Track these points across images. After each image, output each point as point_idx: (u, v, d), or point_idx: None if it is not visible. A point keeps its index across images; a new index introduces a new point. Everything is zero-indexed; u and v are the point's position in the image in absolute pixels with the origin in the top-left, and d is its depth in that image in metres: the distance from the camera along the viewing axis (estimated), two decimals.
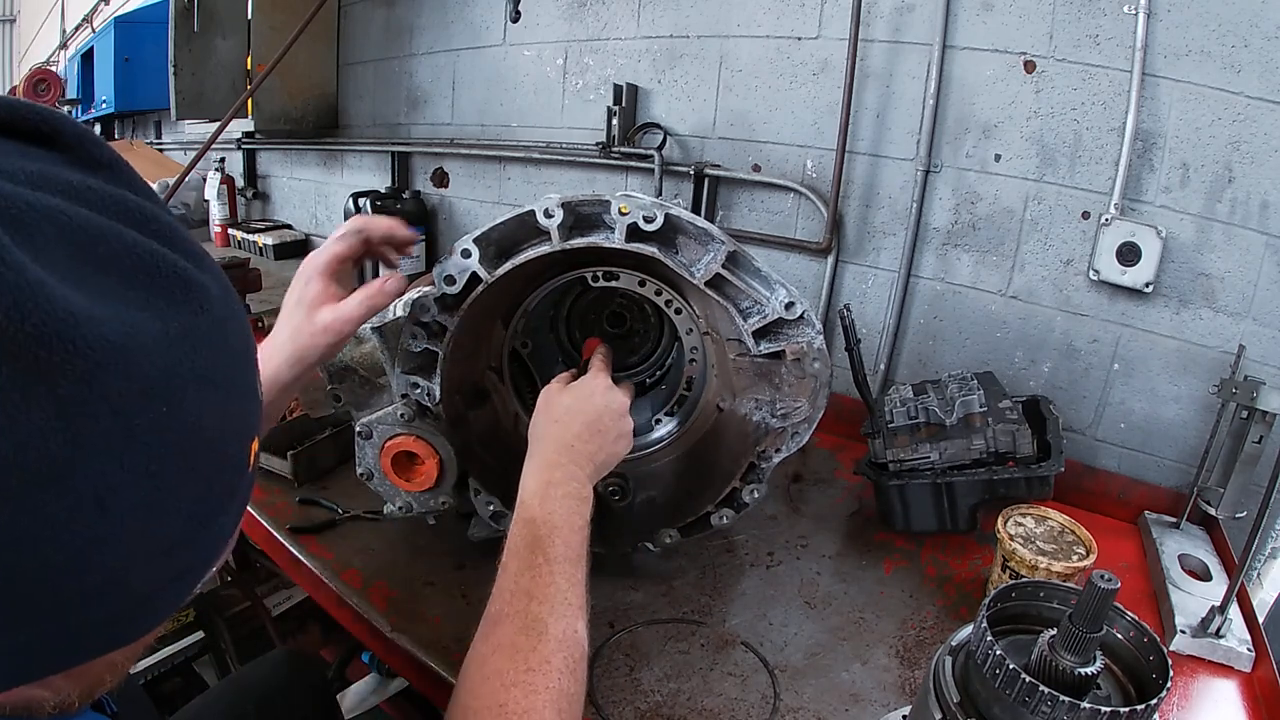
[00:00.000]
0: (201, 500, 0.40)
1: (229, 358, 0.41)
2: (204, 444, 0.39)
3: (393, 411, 1.00)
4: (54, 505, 0.32)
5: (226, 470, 0.41)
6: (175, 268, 0.37)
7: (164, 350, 0.36)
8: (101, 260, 0.35)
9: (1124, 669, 0.59)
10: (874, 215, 1.65)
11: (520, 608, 0.69)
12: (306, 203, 3.14)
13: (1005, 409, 1.20)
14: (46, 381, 0.31)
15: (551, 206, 0.87)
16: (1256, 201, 1.26)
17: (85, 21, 5.01)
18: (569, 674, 0.66)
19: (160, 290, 0.36)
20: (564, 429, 0.89)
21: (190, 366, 0.37)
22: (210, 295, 0.39)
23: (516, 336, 1.15)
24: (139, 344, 0.34)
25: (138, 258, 0.36)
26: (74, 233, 0.34)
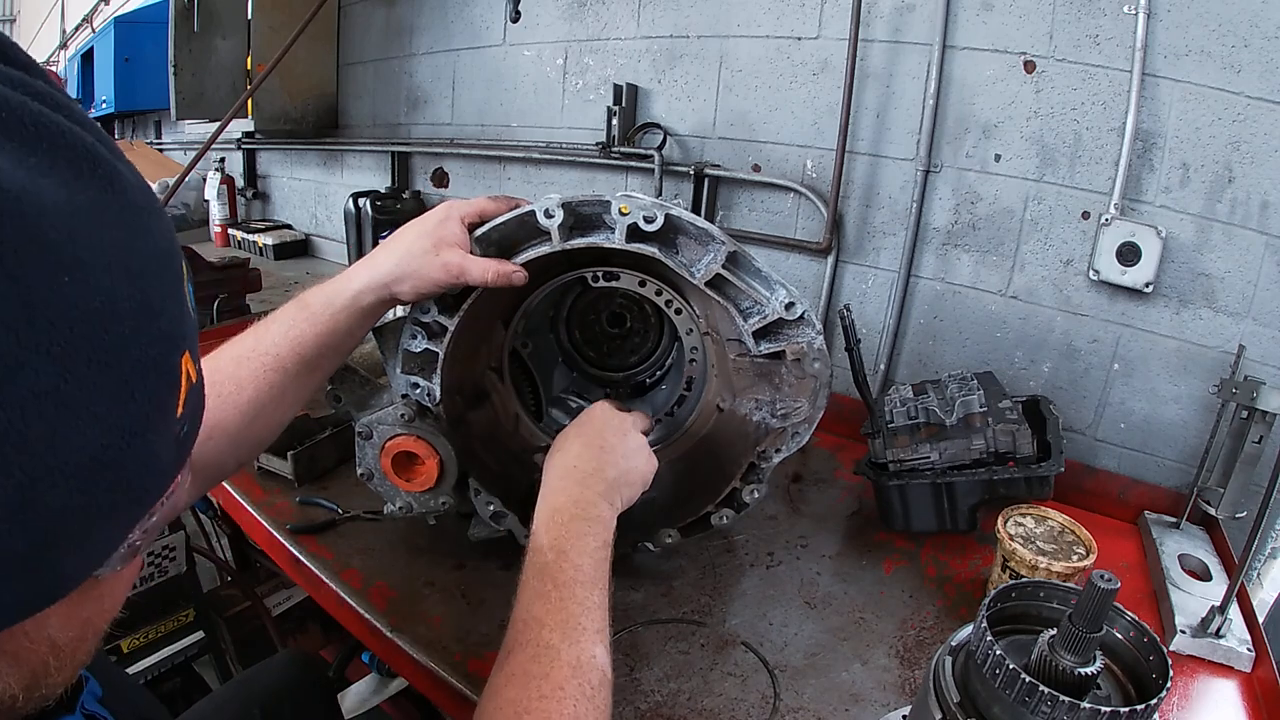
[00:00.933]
0: (120, 404, 0.34)
1: (148, 250, 0.36)
2: (118, 336, 0.33)
3: (393, 411, 1.00)
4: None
5: (149, 375, 0.35)
6: (86, 144, 0.33)
7: (68, 217, 0.31)
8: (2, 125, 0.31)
9: (1124, 669, 0.59)
10: (874, 215, 1.65)
11: (531, 636, 0.67)
12: (306, 203, 3.14)
13: (1005, 409, 1.20)
14: None
15: (552, 206, 0.87)
16: (1256, 201, 1.26)
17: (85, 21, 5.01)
18: (585, 700, 0.64)
19: (67, 161, 0.32)
20: (564, 455, 0.88)
21: (100, 242, 0.32)
22: (126, 181, 0.35)
23: (517, 336, 1.15)
24: (38, 201, 0.30)
25: (43, 128, 0.32)
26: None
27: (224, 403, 0.80)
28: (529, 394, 1.19)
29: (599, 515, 0.81)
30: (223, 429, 0.80)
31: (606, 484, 0.84)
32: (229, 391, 0.81)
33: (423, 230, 0.87)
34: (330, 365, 0.91)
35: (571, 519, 0.78)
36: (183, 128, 3.82)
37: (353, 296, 0.86)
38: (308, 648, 1.83)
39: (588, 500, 0.81)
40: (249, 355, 0.83)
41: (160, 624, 1.61)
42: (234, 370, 0.82)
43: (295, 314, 0.86)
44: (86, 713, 0.52)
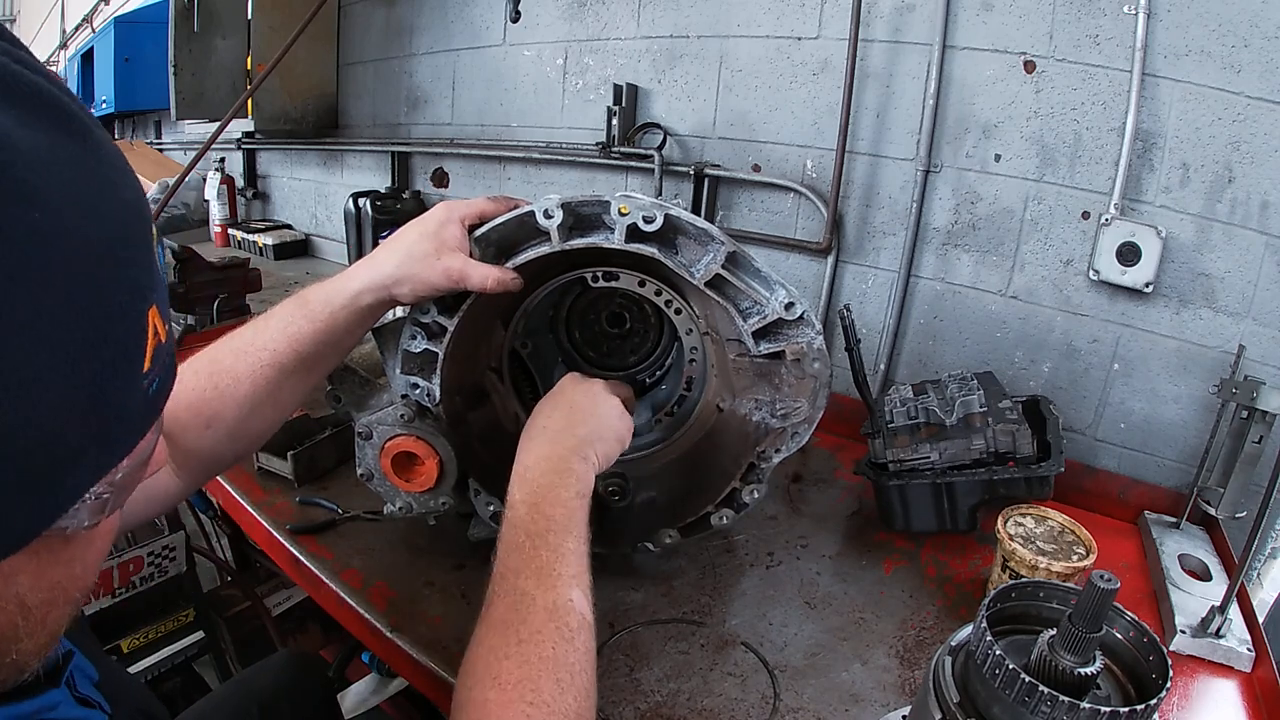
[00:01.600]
0: (90, 346, 0.34)
1: (119, 201, 0.37)
2: (87, 275, 0.34)
3: (393, 411, 1.00)
4: None
5: (117, 320, 0.36)
6: (64, 102, 0.34)
7: (37, 157, 0.32)
8: None
9: (1124, 669, 0.59)
10: (874, 215, 1.65)
11: (508, 585, 0.70)
12: (306, 203, 3.14)
13: (1005, 409, 1.20)
14: None
15: (551, 207, 0.87)
16: (1256, 201, 1.26)
17: (85, 21, 5.01)
18: (565, 643, 0.65)
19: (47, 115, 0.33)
20: (533, 420, 0.89)
21: (69, 183, 0.33)
22: (99, 138, 0.36)
23: (516, 336, 1.15)
24: (16, 144, 0.31)
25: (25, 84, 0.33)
26: None
27: (222, 395, 0.81)
28: (529, 394, 1.19)
29: (570, 468, 0.81)
30: (221, 420, 0.81)
31: (577, 440, 0.85)
32: (226, 384, 0.82)
33: (424, 232, 0.87)
34: (328, 364, 0.92)
35: (542, 474, 0.80)
36: (183, 128, 3.82)
37: (352, 296, 0.86)
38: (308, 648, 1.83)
39: (558, 455, 0.82)
40: (247, 349, 0.84)
41: (160, 624, 1.61)
42: (232, 364, 0.83)
43: (294, 311, 0.86)
44: (79, 695, 0.52)
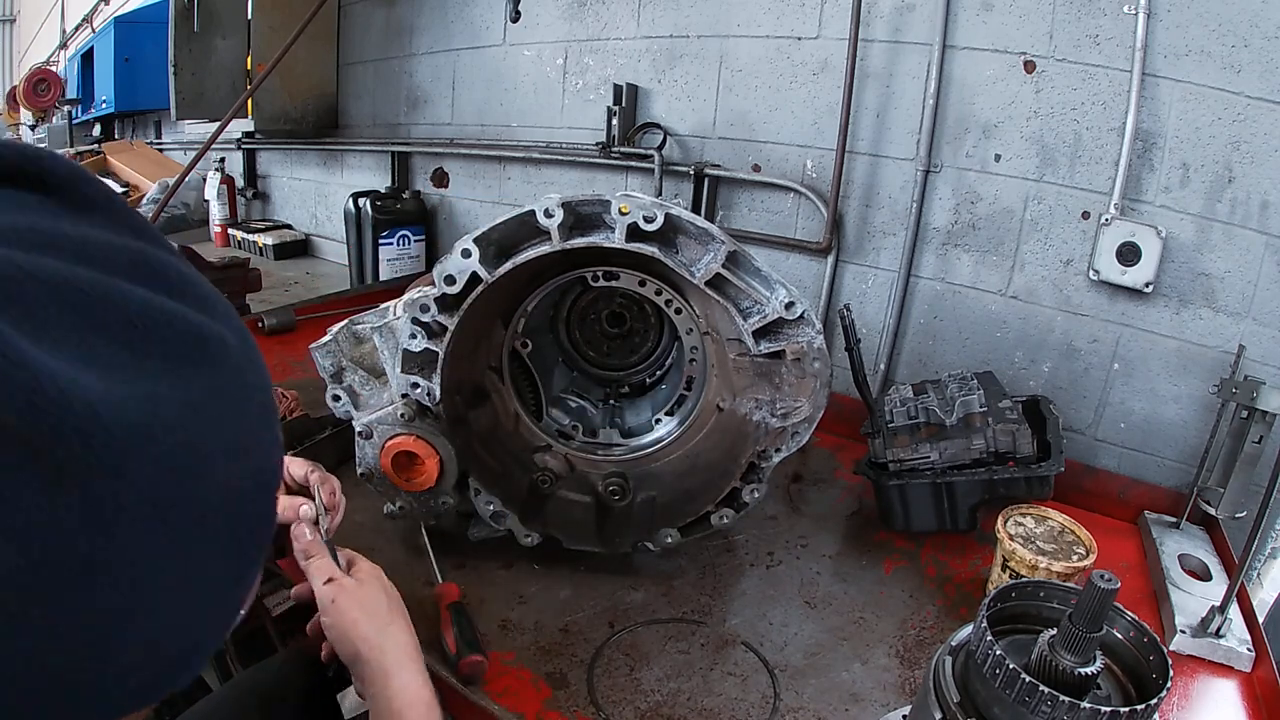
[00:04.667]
0: (233, 560, 0.38)
1: (252, 412, 0.39)
2: (234, 510, 0.37)
3: (393, 411, 1.00)
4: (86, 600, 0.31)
5: (256, 529, 0.40)
6: (188, 323, 0.35)
7: (188, 421, 0.33)
8: (110, 328, 0.32)
9: (1124, 669, 0.59)
10: (874, 215, 1.65)
11: None
12: (306, 203, 3.14)
13: (1005, 409, 1.20)
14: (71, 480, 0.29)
15: (552, 206, 0.87)
16: (1256, 201, 1.26)
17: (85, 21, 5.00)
18: None
19: (175, 353, 0.34)
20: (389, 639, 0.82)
21: (216, 433, 0.35)
22: (227, 346, 0.37)
23: (516, 336, 1.15)
24: (162, 421, 0.32)
25: (148, 319, 0.33)
26: (77, 300, 0.31)
27: None
28: (529, 394, 1.19)
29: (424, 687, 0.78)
30: None
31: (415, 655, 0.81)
32: None
33: None
34: None
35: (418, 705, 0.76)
36: (183, 128, 3.82)
37: None
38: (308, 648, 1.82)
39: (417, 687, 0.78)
40: None
41: None
42: None
43: None
44: None
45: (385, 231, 2.45)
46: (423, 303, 0.94)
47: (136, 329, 0.32)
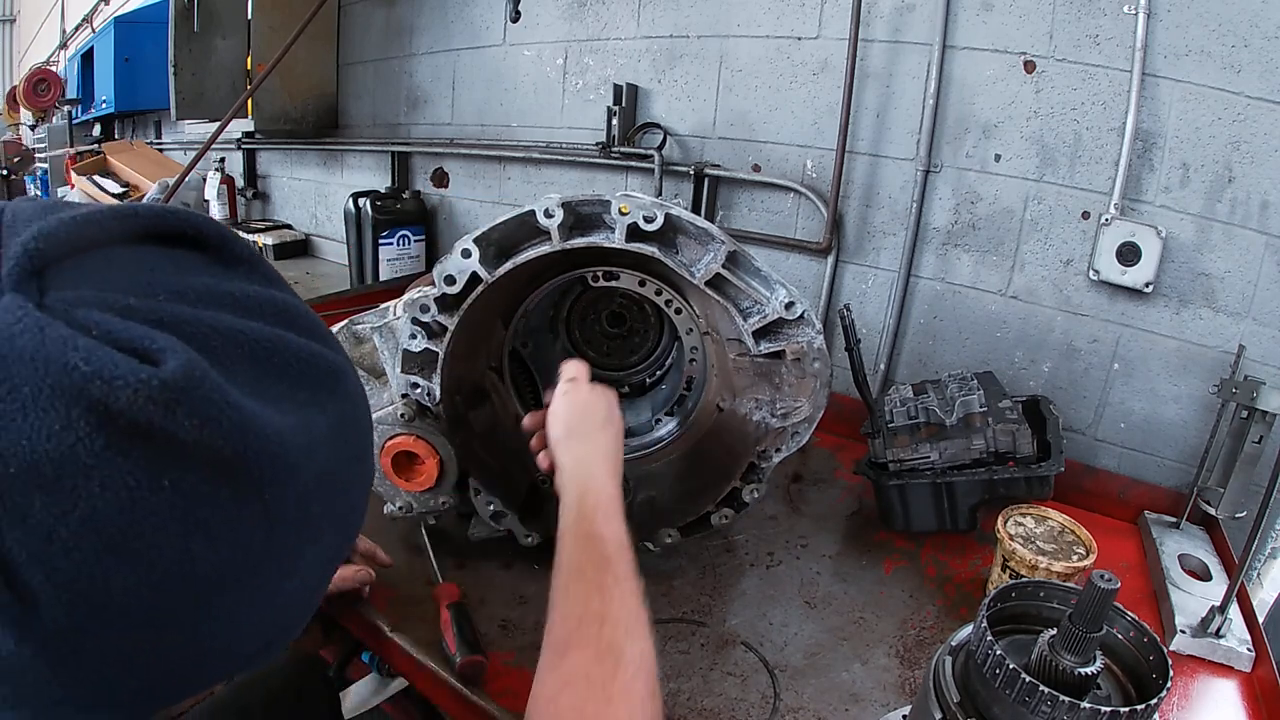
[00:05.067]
0: (342, 550, 0.48)
1: (367, 428, 0.49)
2: (351, 503, 0.47)
3: (393, 411, 1.00)
4: (254, 585, 0.39)
5: (359, 514, 0.50)
6: (325, 361, 0.43)
7: (332, 440, 0.42)
8: (277, 371, 0.40)
9: (1124, 669, 0.59)
10: (874, 215, 1.65)
11: (592, 633, 0.64)
12: (306, 203, 3.13)
13: (1005, 409, 1.20)
14: (255, 492, 0.37)
15: (552, 206, 0.87)
16: (1256, 201, 1.26)
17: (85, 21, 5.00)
18: (651, 699, 0.61)
19: (321, 386, 0.42)
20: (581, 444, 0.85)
21: (348, 447, 0.45)
22: (349, 377, 0.46)
23: (517, 336, 1.15)
24: (315, 441, 0.41)
25: (302, 361, 0.41)
26: (252, 349, 0.39)
27: None
28: (529, 394, 1.19)
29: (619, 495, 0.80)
30: None
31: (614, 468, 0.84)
32: None
33: None
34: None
35: (610, 501, 0.78)
36: (183, 128, 3.82)
37: None
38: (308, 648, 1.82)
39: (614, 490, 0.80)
40: None
41: None
42: None
43: None
44: None
45: (385, 231, 2.45)
46: (423, 303, 0.94)
47: (292, 368, 0.41)
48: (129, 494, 0.33)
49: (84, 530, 0.32)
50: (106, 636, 0.35)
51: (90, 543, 0.33)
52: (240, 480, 0.36)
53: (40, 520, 0.32)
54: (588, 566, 0.70)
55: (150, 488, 0.33)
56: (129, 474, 0.33)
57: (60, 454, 0.31)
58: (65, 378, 0.31)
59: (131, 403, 0.32)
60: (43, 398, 0.31)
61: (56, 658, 0.34)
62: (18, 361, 0.31)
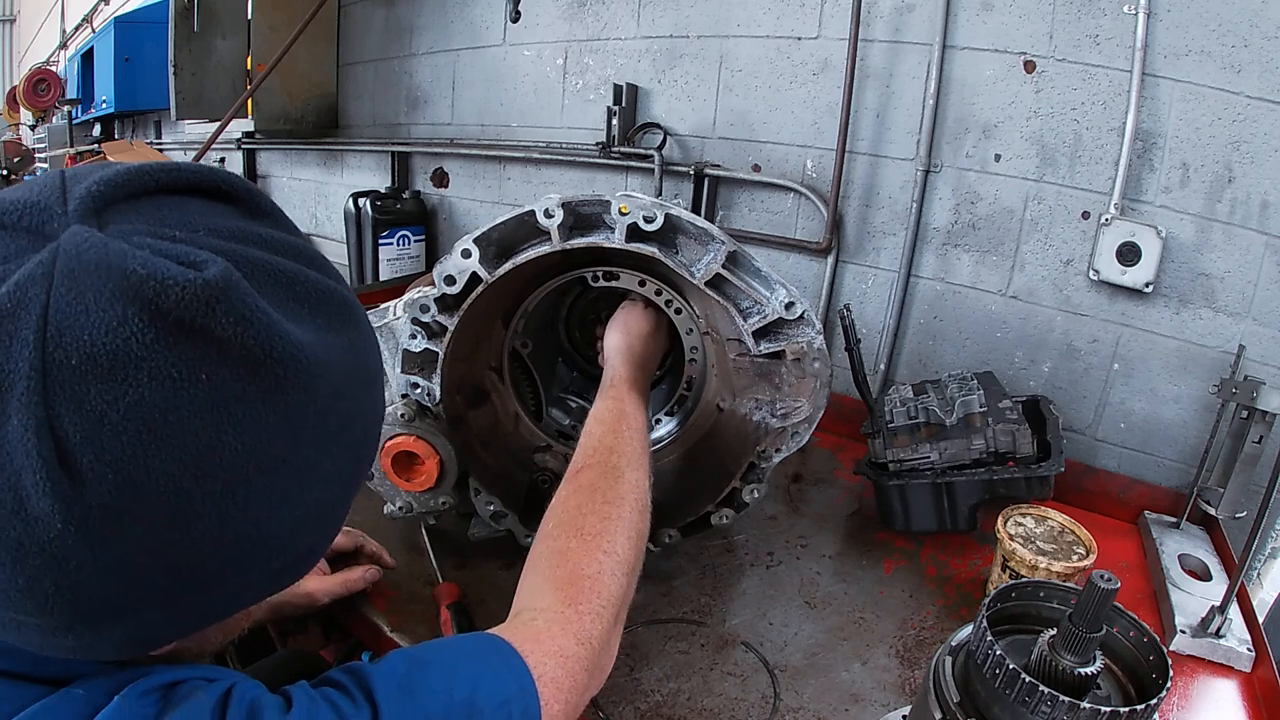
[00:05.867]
0: (357, 473, 0.52)
1: (376, 362, 0.53)
2: (363, 429, 0.51)
3: (393, 411, 1.00)
4: (274, 483, 0.43)
5: (370, 448, 0.53)
6: (339, 295, 0.48)
7: (345, 361, 0.47)
8: (298, 297, 0.45)
9: (1124, 669, 0.59)
10: (874, 215, 1.65)
11: (601, 459, 0.81)
12: (306, 203, 3.14)
13: (1005, 409, 1.20)
14: (280, 390, 0.41)
15: (552, 206, 0.87)
16: (1256, 201, 1.26)
17: (85, 21, 5.01)
18: (639, 513, 0.78)
19: (336, 315, 0.47)
20: (627, 338, 1.02)
21: (358, 371, 0.49)
22: (360, 313, 0.51)
23: (516, 336, 1.15)
24: (331, 358, 0.45)
25: (319, 292, 0.46)
26: (278, 277, 0.44)
27: None
28: (529, 394, 1.19)
29: (646, 390, 0.99)
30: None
31: (649, 378, 1.03)
32: None
33: None
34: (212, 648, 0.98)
35: (643, 390, 0.96)
36: (183, 128, 3.82)
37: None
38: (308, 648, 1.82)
39: (647, 388, 0.99)
40: None
41: None
42: None
43: None
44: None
45: (385, 231, 2.45)
46: (423, 303, 0.94)
47: (311, 296, 0.46)
48: (172, 384, 0.38)
49: (131, 415, 0.37)
50: (144, 519, 0.39)
51: (135, 427, 0.37)
52: (267, 379, 0.41)
53: (95, 406, 0.36)
54: (606, 415, 0.88)
55: (190, 379, 0.38)
56: (173, 366, 0.38)
57: (116, 346, 0.37)
58: (124, 280, 0.37)
59: (179, 301, 0.38)
60: (104, 298, 0.37)
61: (98, 539, 0.38)
62: (84, 271, 0.37)
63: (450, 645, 0.60)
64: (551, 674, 0.60)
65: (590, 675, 0.64)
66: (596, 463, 0.81)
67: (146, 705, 0.44)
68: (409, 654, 0.57)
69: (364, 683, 0.52)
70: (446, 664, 0.56)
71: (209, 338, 0.39)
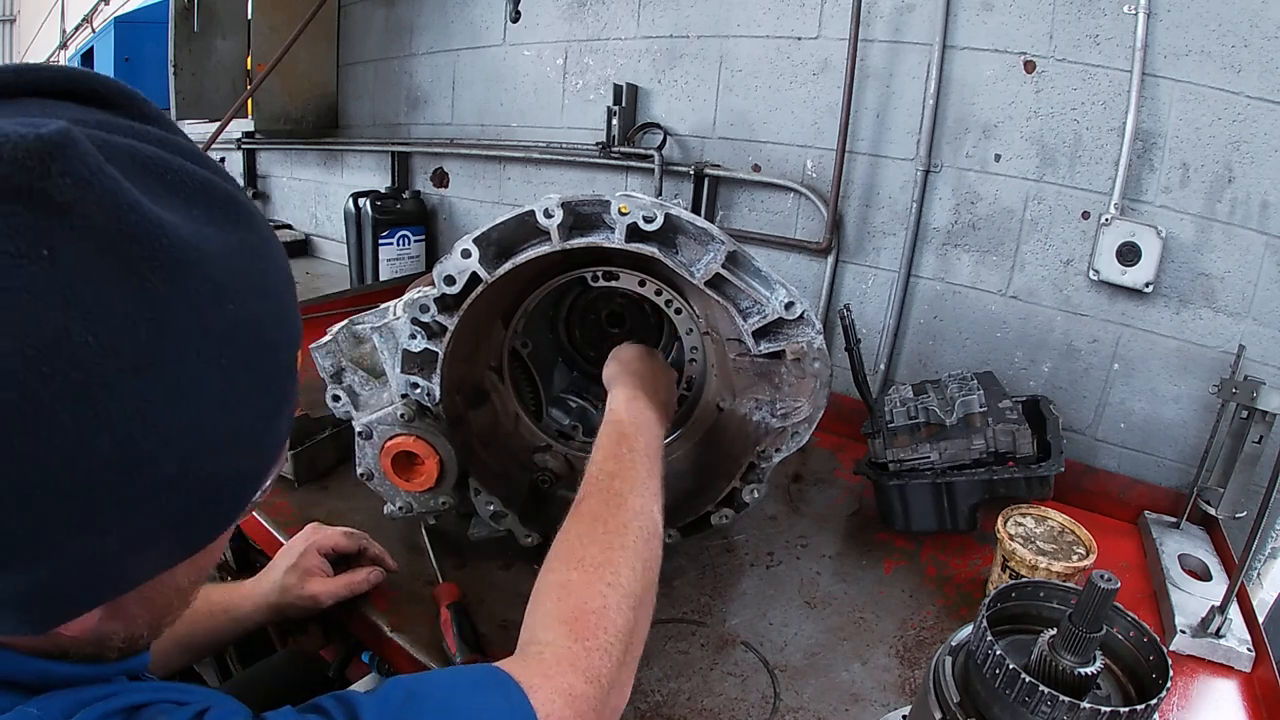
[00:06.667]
0: (264, 397, 0.45)
1: (278, 272, 0.47)
2: (264, 345, 0.44)
3: (393, 411, 1.00)
4: (142, 391, 0.37)
5: (281, 373, 0.47)
6: (229, 193, 0.44)
7: (229, 257, 0.41)
8: (171, 185, 0.40)
9: (1124, 669, 0.59)
10: (874, 215, 1.65)
11: (603, 485, 0.78)
12: (306, 203, 3.14)
13: (1005, 409, 1.20)
14: (138, 275, 0.36)
15: (551, 206, 0.87)
16: (1256, 201, 1.26)
17: (85, 21, 5.00)
18: (644, 541, 0.73)
19: (220, 211, 0.42)
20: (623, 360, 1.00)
21: (250, 274, 0.43)
22: (259, 219, 0.46)
23: (516, 336, 1.15)
24: (210, 251, 0.40)
25: (199, 183, 0.42)
26: (146, 163, 0.40)
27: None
28: (529, 394, 1.19)
29: (660, 419, 0.93)
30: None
31: (660, 403, 0.96)
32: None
33: (289, 565, 0.98)
34: (213, 649, 1.02)
35: (645, 408, 0.91)
36: (182, 128, 3.82)
37: (249, 612, 0.96)
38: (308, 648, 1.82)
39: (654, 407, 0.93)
40: None
41: None
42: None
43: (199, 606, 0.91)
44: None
45: (385, 231, 2.45)
46: (422, 303, 0.94)
47: (190, 189, 0.41)
48: (10, 260, 0.33)
49: None
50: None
51: None
52: (120, 259, 0.35)
53: None
54: (605, 441, 0.84)
55: (30, 255, 0.34)
56: (9, 239, 0.33)
57: None
58: None
59: (11, 158, 0.33)
60: None
61: None
62: None
63: (450, 676, 0.57)
64: (559, 713, 0.56)
65: (599, 717, 0.61)
66: (598, 490, 0.77)
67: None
68: (406, 685, 0.53)
69: (354, 713, 0.49)
70: (443, 698, 0.53)
71: (48, 204, 0.34)
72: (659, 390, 0.98)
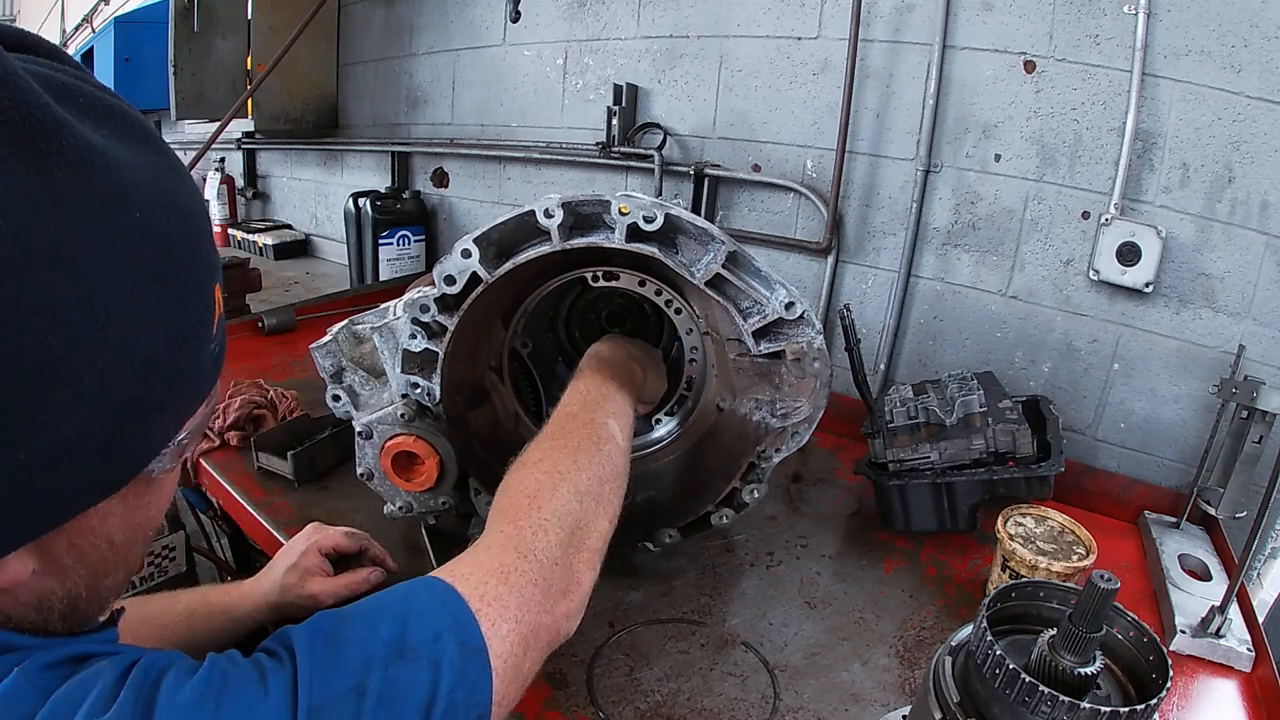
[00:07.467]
0: (176, 317, 0.44)
1: (189, 196, 0.46)
2: (176, 261, 0.43)
3: (393, 411, 1.00)
4: (50, 287, 0.36)
5: (195, 294, 0.45)
6: (140, 121, 0.45)
7: (136, 170, 0.42)
8: (83, 107, 0.41)
9: (1124, 669, 0.59)
10: (874, 215, 1.65)
11: (557, 417, 0.81)
12: (306, 203, 3.14)
13: (1005, 409, 1.20)
14: (45, 169, 0.36)
15: (552, 206, 0.87)
16: (1256, 201, 1.26)
17: (85, 21, 5.00)
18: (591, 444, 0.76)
19: (128, 132, 0.43)
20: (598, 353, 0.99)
21: (158, 189, 0.43)
22: (167, 147, 0.46)
23: (516, 336, 1.15)
24: (116, 157, 0.40)
25: (108, 106, 0.43)
26: (54, 84, 0.40)
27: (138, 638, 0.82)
28: (529, 394, 1.19)
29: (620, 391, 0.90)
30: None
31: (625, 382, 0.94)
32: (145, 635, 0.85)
33: (290, 565, 0.98)
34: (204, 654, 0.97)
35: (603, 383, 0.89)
36: (183, 128, 3.81)
37: (249, 612, 0.96)
38: None
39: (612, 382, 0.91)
40: (154, 618, 0.89)
41: None
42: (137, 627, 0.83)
43: (198, 607, 0.93)
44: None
45: (385, 231, 2.45)
46: (422, 303, 0.94)
47: (99, 109, 0.42)
48: None
49: None
50: None
51: None
52: (27, 151, 0.36)
53: None
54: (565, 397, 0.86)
55: None
56: None
57: None
58: None
59: None
60: None
61: None
62: None
63: (380, 594, 0.57)
64: (494, 592, 0.56)
65: (544, 593, 0.60)
66: (552, 422, 0.80)
67: (49, 679, 0.41)
68: (338, 610, 0.53)
69: (287, 641, 0.50)
70: (371, 610, 0.53)
71: None
72: (633, 376, 0.98)
